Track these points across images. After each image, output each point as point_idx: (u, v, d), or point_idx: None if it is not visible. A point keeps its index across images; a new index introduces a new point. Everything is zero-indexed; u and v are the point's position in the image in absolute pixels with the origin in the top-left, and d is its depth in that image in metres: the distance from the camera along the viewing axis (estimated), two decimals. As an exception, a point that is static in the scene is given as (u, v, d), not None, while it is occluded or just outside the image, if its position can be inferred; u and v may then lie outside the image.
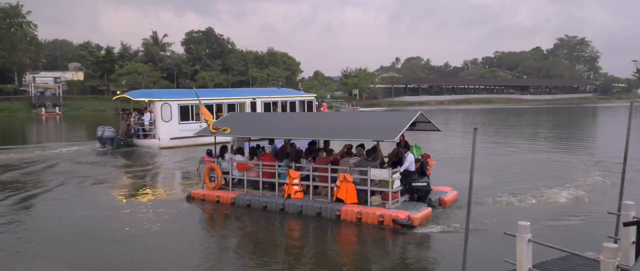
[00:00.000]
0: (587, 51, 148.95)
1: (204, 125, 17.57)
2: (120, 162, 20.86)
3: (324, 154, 11.46)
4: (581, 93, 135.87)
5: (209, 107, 26.47)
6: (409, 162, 11.03)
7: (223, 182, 12.58)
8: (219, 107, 27.43)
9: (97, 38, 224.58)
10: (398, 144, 11.68)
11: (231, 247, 9.43)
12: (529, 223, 4.47)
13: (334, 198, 10.65)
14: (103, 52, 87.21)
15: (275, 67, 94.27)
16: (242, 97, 29.14)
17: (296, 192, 11.10)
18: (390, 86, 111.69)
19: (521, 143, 26.51)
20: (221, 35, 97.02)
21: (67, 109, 70.53)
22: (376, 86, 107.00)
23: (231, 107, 27.83)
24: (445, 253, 8.51)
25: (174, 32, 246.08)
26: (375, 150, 10.83)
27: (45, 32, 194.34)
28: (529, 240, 4.51)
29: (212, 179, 12.65)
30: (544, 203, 11.91)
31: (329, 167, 10.86)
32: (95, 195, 13.96)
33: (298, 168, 11.35)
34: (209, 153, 13.16)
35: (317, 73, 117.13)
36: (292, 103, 30.71)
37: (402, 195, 10.86)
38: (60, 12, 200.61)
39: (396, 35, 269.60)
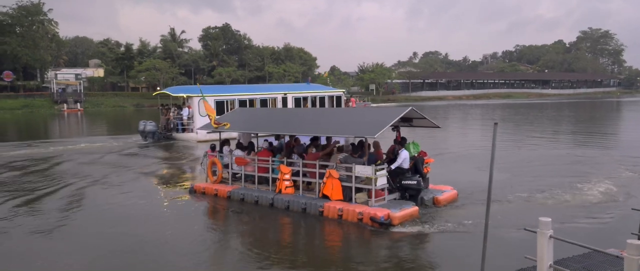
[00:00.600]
0: (611, 44, 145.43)
1: None
2: (160, 154, 21.94)
3: (313, 150, 11.45)
4: (605, 87, 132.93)
5: (243, 102, 28.20)
6: (402, 159, 10.77)
7: (224, 176, 12.84)
8: (252, 102, 28.55)
9: (116, 34, 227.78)
10: (395, 141, 11.46)
11: (196, 240, 9.30)
12: (550, 219, 4.37)
13: (320, 195, 10.62)
14: (122, 48, 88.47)
15: (292, 63, 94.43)
16: (274, 93, 30.02)
17: (287, 187, 11.11)
18: (407, 81, 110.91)
19: (542, 139, 26.02)
20: (238, 31, 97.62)
21: (88, 105, 71.75)
22: (393, 81, 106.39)
23: (263, 103, 28.94)
24: (416, 252, 8.39)
25: (191, 28, 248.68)
26: (362, 146, 10.68)
27: (66, 29, 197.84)
28: (550, 237, 4.42)
29: (215, 173, 12.93)
30: (564, 199, 11.61)
31: (317, 163, 10.81)
32: (134, 184, 15.06)
33: (289, 164, 11.36)
34: (213, 147, 13.38)
35: (333, 69, 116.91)
36: (322, 98, 31.65)
37: (392, 192, 10.66)
38: (79, 9, 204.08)
39: (414, 30, 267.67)
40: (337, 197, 10.30)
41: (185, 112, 27.04)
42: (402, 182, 10.59)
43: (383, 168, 10.17)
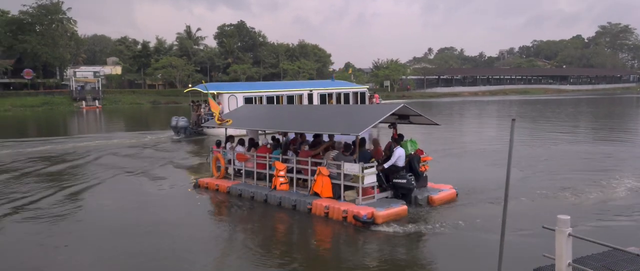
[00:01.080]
0: (631, 39, 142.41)
1: None
2: (190, 148, 22.76)
3: (306, 147, 11.48)
4: (624, 83, 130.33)
5: (271, 99, 28.96)
6: (396, 157, 10.58)
7: (226, 172, 13.07)
8: (279, 98, 29.26)
9: (133, 33, 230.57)
10: (392, 138, 11.31)
11: (170, 230, 9.61)
12: (568, 217, 4.34)
13: (311, 192, 10.63)
14: (139, 46, 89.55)
15: (306, 59, 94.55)
16: (300, 89, 30.80)
17: (281, 183, 11.16)
18: (422, 77, 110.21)
19: (561, 135, 25.70)
20: (252, 28, 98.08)
21: (105, 102, 72.88)
22: (408, 77, 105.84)
23: (290, 99, 29.57)
24: (390, 252, 8.25)
25: (207, 25, 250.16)
26: (355, 144, 10.59)
27: (85, 28, 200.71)
28: (569, 235, 4.37)
29: (219, 168, 13.16)
30: (584, 197, 11.38)
31: (309, 160, 10.84)
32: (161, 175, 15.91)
33: (285, 161, 11.41)
34: (218, 143, 13.58)
35: (348, 65, 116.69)
36: (346, 95, 32.05)
37: (385, 190, 10.54)
38: (97, 8, 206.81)
39: (429, 25, 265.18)
40: (327, 195, 10.27)
41: None
42: (393, 181, 10.43)
43: (372, 166, 10.02)
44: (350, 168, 9.92)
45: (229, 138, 13.51)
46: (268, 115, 13.89)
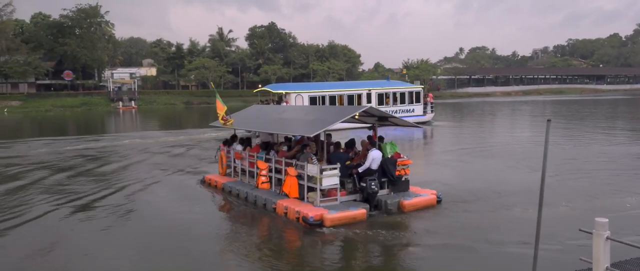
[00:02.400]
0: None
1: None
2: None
3: (284, 148, 11.74)
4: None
5: (333, 98, 30.62)
6: (370, 160, 10.37)
7: (228, 169, 13.57)
8: (340, 98, 30.86)
9: (168, 35, 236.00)
10: (370, 140, 11.13)
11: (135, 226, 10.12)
12: (606, 220, 4.24)
13: (281, 192, 10.78)
14: (173, 48, 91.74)
15: (336, 60, 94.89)
16: (359, 89, 32.23)
17: (263, 182, 11.35)
18: (453, 77, 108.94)
19: (598, 135, 25.20)
20: (283, 29, 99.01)
21: (141, 103, 74.92)
22: (438, 77, 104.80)
23: (350, 99, 31.09)
24: (323, 257, 8.20)
25: (238, 27, 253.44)
26: (352, 145, 10.72)
27: (122, 31, 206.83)
28: (607, 238, 4.27)
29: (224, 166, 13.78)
30: (623, 200, 11.04)
31: (283, 160, 11.02)
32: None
33: (267, 161, 11.62)
34: (225, 142, 14.10)
35: (377, 65, 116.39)
36: (402, 94, 33.37)
37: (355, 193, 10.40)
38: (134, 11, 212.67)
39: (462, 24, 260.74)
40: (294, 195, 10.34)
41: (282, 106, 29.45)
42: (360, 184, 10.22)
43: (334, 168, 9.91)
44: (311, 169, 9.94)
45: (233, 138, 14.00)
46: (258, 116, 14.27)
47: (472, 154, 19.25)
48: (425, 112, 34.16)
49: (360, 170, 10.33)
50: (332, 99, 30.55)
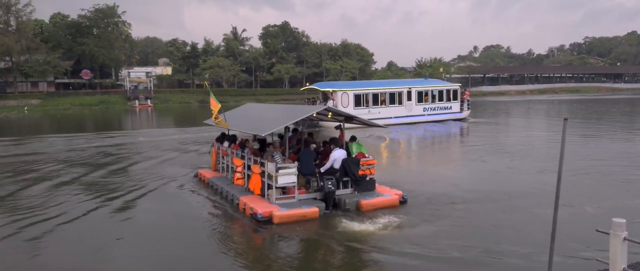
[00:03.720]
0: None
1: (373, 110, 29.87)
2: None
3: (255, 145, 12.15)
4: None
5: (376, 96, 32.06)
6: (332, 159, 10.63)
7: (217, 165, 14.13)
8: (382, 95, 32.46)
9: (182, 34, 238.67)
10: (331, 140, 11.51)
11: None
12: (624, 221, 4.17)
13: (247, 188, 11.11)
14: (188, 48, 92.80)
15: (349, 59, 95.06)
16: (401, 87, 33.79)
17: (238, 178, 11.68)
18: (467, 76, 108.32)
19: (615, 135, 25.08)
20: (296, 28, 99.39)
21: (157, 101, 75.92)
22: (452, 76, 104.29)
23: (392, 96, 32.69)
24: (255, 253, 8.47)
25: (251, 25, 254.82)
26: (335, 142, 11.03)
27: (138, 31, 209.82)
28: (624, 239, 4.20)
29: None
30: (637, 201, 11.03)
31: (251, 157, 11.44)
32: None
33: (242, 158, 11.98)
34: (218, 138, 14.63)
35: (390, 64, 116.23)
36: (440, 92, 34.83)
37: (318, 191, 10.60)
38: (150, 11, 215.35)
39: (476, 23, 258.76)
40: (258, 192, 10.66)
41: (330, 104, 30.84)
42: (320, 183, 10.42)
43: (290, 167, 10.17)
44: (269, 167, 10.17)
45: (224, 135, 14.51)
46: (241, 115, 14.63)
47: (497, 152, 19.46)
48: (462, 109, 35.37)
49: (322, 169, 10.57)
50: (375, 96, 32.03)
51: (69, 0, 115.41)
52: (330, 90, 31.88)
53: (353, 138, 11.71)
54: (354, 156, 11.14)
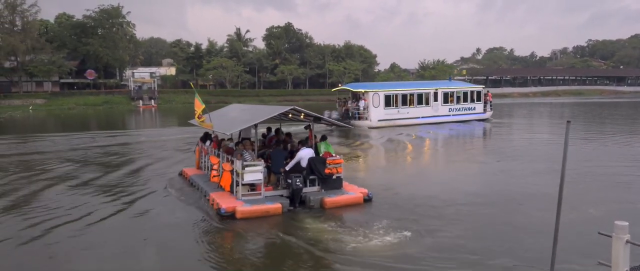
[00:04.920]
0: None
1: (401, 110, 31.81)
2: (342, 137, 27.02)
3: (230, 144, 12.52)
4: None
5: (405, 96, 33.32)
6: (298, 158, 11.01)
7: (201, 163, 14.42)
8: (411, 96, 33.74)
9: (186, 35, 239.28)
10: (302, 141, 12.05)
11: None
12: (627, 223, 4.17)
13: (219, 185, 11.41)
14: (192, 48, 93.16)
15: (352, 60, 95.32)
16: (428, 88, 35.14)
17: (214, 176, 11.90)
18: (469, 78, 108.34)
19: (618, 138, 25.21)
20: (300, 29, 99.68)
21: (161, 102, 76.30)
22: (454, 78, 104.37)
23: (420, 96, 34.02)
24: (208, 246, 8.68)
25: (254, 26, 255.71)
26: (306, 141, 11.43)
27: (142, 31, 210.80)
28: (627, 241, 4.19)
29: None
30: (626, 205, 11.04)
31: (224, 154, 11.84)
32: None
33: (218, 155, 12.34)
34: (202, 138, 15.02)
35: (393, 66, 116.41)
36: (465, 93, 35.95)
37: (284, 189, 10.93)
38: (153, 12, 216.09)
39: (480, 25, 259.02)
40: (228, 188, 11.03)
41: (361, 103, 32.34)
42: (287, 180, 10.79)
43: (257, 165, 10.57)
44: (236, 165, 10.56)
45: (207, 135, 14.84)
46: (222, 115, 14.88)
47: (507, 154, 19.62)
48: (485, 110, 36.56)
49: (286, 168, 10.96)
50: (404, 97, 33.37)
51: (74, 1, 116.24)
52: (363, 90, 33.01)
53: (323, 138, 12.19)
54: (321, 155, 11.51)
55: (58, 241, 8.95)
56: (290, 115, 12.32)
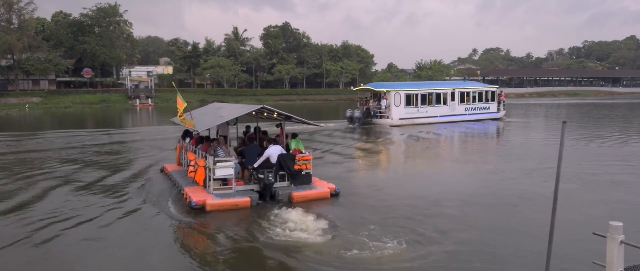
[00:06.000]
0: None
1: (421, 109, 33.84)
2: (365, 134, 28.44)
3: (205, 141, 12.90)
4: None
5: (424, 96, 34.59)
6: (267, 155, 11.49)
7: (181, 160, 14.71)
8: (430, 96, 34.88)
9: (184, 34, 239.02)
10: (271, 139, 12.60)
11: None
12: (621, 224, 4.19)
13: (194, 180, 11.76)
14: (190, 48, 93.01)
15: (349, 60, 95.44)
16: (446, 88, 36.46)
17: (191, 172, 12.22)
18: (466, 78, 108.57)
19: (613, 138, 25.39)
20: (297, 29, 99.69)
21: (158, 101, 76.12)
22: (452, 78, 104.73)
23: (438, 96, 35.25)
24: (174, 239, 9.06)
25: (252, 25, 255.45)
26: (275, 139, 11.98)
27: (140, 30, 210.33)
28: (621, 242, 4.22)
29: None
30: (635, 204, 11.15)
31: (198, 150, 12.34)
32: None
33: (196, 152, 12.74)
34: (183, 136, 15.31)
35: (390, 66, 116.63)
36: (480, 93, 37.18)
37: (256, 184, 11.38)
38: (151, 11, 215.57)
39: (478, 26, 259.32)
40: (202, 183, 11.46)
41: (383, 103, 33.66)
42: (258, 176, 11.22)
43: (228, 161, 11.03)
44: (209, 161, 11.06)
45: (187, 132, 15.01)
46: (201, 114, 15.09)
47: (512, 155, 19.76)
48: (499, 110, 37.86)
49: (255, 164, 11.38)
50: (424, 97, 34.64)
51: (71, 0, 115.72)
52: (385, 90, 34.29)
53: (294, 136, 12.65)
54: (291, 152, 12.01)
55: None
56: (265, 114, 12.80)
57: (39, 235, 9.12)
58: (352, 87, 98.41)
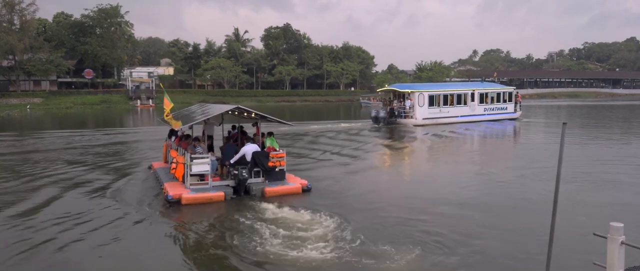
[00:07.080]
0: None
1: (443, 109, 35.12)
2: (389, 133, 29.24)
3: (185, 139, 13.30)
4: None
5: (446, 97, 35.60)
6: (242, 152, 12.06)
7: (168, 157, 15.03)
8: (451, 96, 35.90)
9: (184, 35, 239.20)
10: (248, 137, 13.05)
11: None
12: (622, 225, 4.16)
13: (175, 175, 12.21)
14: (190, 48, 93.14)
15: (350, 61, 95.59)
16: (466, 89, 37.54)
17: (172, 168, 12.53)
18: (466, 79, 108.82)
19: (613, 139, 25.48)
20: (298, 30, 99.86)
21: (158, 101, 76.12)
22: (452, 79, 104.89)
23: (459, 97, 36.32)
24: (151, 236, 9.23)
25: (252, 26, 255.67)
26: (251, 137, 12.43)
27: (140, 31, 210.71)
28: (622, 243, 4.21)
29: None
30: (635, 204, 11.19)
31: (179, 148, 12.76)
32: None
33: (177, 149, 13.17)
34: (169, 134, 15.67)
35: (391, 67, 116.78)
36: (498, 94, 38.24)
37: (231, 179, 11.85)
38: (151, 12, 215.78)
39: (478, 27, 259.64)
40: (181, 179, 11.93)
41: (407, 103, 34.56)
42: (233, 172, 11.70)
43: (205, 158, 11.55)
44: (186, 158, 11.53)
45: (173, 131, 15.33)
46: (188, 113, 15.56)
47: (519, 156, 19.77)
48: (515, 110, 38.92)
49: (231, 161, 11.94)
50: (445, 97, 35.61)
51: (72, 0, 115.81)
52: (409, 91, 35.28)
53: (269, 134, 13.16)
54: (265, 149, 12.52)
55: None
56: (245, 114, 13.23)
57: (37, 236, 9.14)
58: (352, 88, 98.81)
